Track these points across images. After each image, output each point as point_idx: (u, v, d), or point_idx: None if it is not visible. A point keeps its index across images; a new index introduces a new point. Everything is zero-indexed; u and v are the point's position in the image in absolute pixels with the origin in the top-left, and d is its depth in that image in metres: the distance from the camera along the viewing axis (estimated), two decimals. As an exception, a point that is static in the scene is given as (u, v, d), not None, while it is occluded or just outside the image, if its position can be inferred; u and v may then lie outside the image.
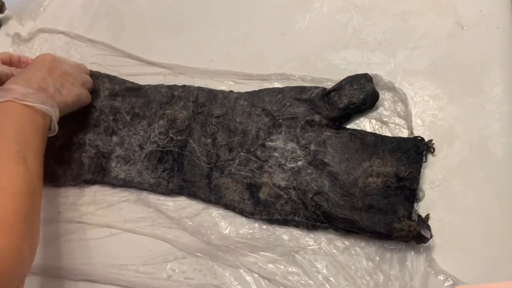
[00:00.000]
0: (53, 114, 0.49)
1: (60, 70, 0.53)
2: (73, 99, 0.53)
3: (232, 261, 0.47)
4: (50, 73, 0.51)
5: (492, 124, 0.48)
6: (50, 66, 0.52)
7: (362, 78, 0.51)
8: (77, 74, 0.55)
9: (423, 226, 0.42)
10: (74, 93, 0.53)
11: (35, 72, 0.50)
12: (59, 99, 0.51)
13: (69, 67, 0.54)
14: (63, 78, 0.52)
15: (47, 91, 0.50)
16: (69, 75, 0.53)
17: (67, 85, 0.53)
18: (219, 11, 0.64)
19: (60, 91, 0.51)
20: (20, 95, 0.47)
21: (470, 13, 0.55)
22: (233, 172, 0.51)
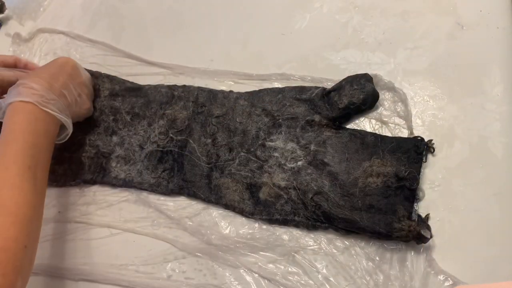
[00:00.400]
0: (70, 125, 0.48)
1: (80, 79, 0.51)
2: (84, 113, 0.52)
3: (232, 261, 0.47)
4: (71, 80, 0.49)
5: (492, 124, 0.48)
6: (72, 73, 0.50)
7: (362, 78, 0.51)
8: (90, 87, 0.55)
9: (423, 226, 0.42)
10: (87, 106, 0.52)
11: (58, 76, 0.48)
12: (74, 109, 0.49)
13: (85, 77, 0.53)
14: (81, 89, 0.51)
15: (66, 99, 0.48)
16: (85, 86, 0.52)
17: (83, 96, 0.51)
18: (219, 11, 0.64)
19: (77, 101, 0.50)
20: (42, 99, 0.44)
21: (470, 13, 0.55)
22: (233, 172, 0.51)
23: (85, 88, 0.52)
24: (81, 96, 0.51)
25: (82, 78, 0.51)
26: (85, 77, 0.53)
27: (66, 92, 0.48)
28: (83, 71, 0.54)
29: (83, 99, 0.51)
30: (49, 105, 0.45)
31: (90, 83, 0.56)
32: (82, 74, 0.52)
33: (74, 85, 0.49)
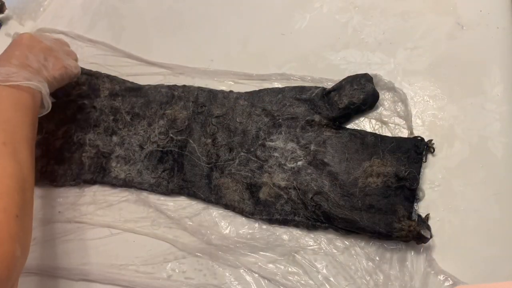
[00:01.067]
0: (43, 89, 0.46)
1: (40, 45, 0.51)
2: (60, 72, 0.51)
3: (232, 261, 0.47)
4: (30, 49, 0.49)
5: (492, 124, 0.48)
6: (29, 43, 0.50)
7: (362, 78, 0.51)
8: (59, 48, 0.54)
9: (423, 226, 0.42)
10: (61, 65, 0.51)
11: (14, 51, 0.48)
12: (45, 74, 0.49)
13: (49, 42, 0.53)
14: (45, 52, 0.50)
15: (31, 67, 0.47)
16: (50, 49, 0.51)
17: (51, 58, 0.51)
18: (219, 11, 0.64)
19: (45, 65, 0.49)
20: (2, 76, 0.44)
21: (470, 13, 0.55)
22: (233, 172, 0.51)
23: (51, 51, 0.51)
24: (48, 60, 0.50)
25: (43, 43, 0.51)
26: (49, 41, 0.52)
27: (28, 61, 0.47)
28: (45, 37, 0.53)
29: (52, 62, 0.50)
30: (11, 78, 0.44)
31: (61, 44, 0.56)
32: (41, 41, 0.51)
33: (35, 53, 0.49)
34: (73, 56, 0.56)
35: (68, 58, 0.54)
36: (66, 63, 0.52)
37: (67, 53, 0.55)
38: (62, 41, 0.58)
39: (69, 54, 0.56)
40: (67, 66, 0.52)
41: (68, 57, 0.54)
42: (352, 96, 0.50)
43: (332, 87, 0.52)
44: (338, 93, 0.51)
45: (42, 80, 0.47)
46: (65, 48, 0.56)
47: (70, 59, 0.54)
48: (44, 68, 0.49)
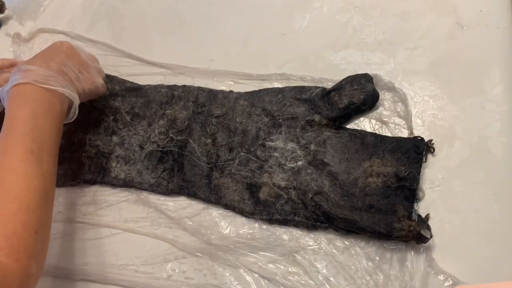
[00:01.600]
0: (75, 97, 0.47)
1: (78, 57, 0.51)
2: (90, 87, 0.51)
3: (232, 261, 0.47)
4: (68, 58, 0.49)
5: (492, 124, 0.48)
6: (68, 52, 0.50)
7: (362, 78, 0.51)
8: (92, 64, 0.54)
9: (423, 226, 0.42)
10: (92, 81, 0.52)
11: (54, 56, 0.48)
12: (77, 85, 0.49)
13: (85, 56, 0.53)
14: (80, 65, 0.51)
15: (67, 76, 0.47)
16: (86, 63, 0.52)
17: (84, 72, 0.51)
18: (219, 11, 0.64)
19: (78, 77, 0.49)
20: (41, 77, 0.43)
21: (470, 13, 0.55)
22: (233, 172, 0.51)
23: (86, 65, 0.52)
24: (82, 73, 0.50)
25: (80, 56, 0.51)
26: (84, 56, 0.53)
27: (65, 69, 0.48)
28: (82, 51, 0.54)
29: (85, 76, 0.51)
30: (49, 81, 0.44)
31: (93, 60, 0.56)
32: (80, 52, 0.52)
33: (72, 63, 0.49)
34: (102, 75, 0.56)
35: (98, 76, 0.54)
36: (96, 80, 0.53)
37: (98, 70, 0.56)
38: (94, 58, 0.58)
39: (100, 72, 0.56)
40: (97, 83, 0.53)
41: (98, 75, 0.55)
42: (352, 96, 0.50)
43: (332, 87, 0.52)
44: (338, 93, 0.51)
45: (74, 91, 0.48)
46: (96, 65, 0.56)
47: (100, 77, 0.55)
48: (77, 80, 0.49)
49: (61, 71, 0.47)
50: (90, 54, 0.57)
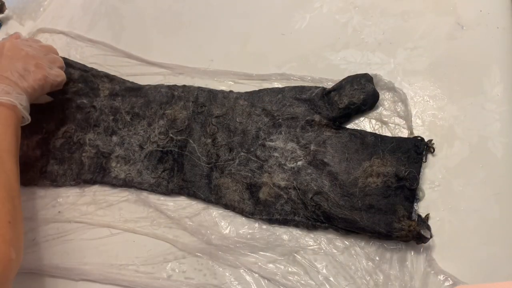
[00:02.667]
0: (18, 103, 0.47)
1: (20, 53, 0.50)
2: (40, 83, 0.51)
3: (232, 261, 0.47)
4: (9, 59, 0.49)
5: (492, 124, 0.48)
6: (9, 53, 0.50)
7: (363, 78, 0.51)
8: (42, 55, 0.53)
9: (423, 226, 0.42)
10: (41, 75, 0.51)
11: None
12: (24, 84, 0.49)
13: (31, 49, 0.52)
14: (25, 61, 0.50)
15: (9, 79, 0.48)
16: (31, 57, 0.51)
17: (31, 67, 0.50)
18: (219, 11, 0.64)
19: (23, 76, 0.49)
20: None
21: (470, 13, 0.55)
22: (233, 172, 0.51)
23: (31, 59, 0.51)
24: (28, 70, 0.50)
25: (23, 52, 0.51)
26: (30, 49, 0.52)
27: (5, 72, 0.48)
28: (26, 45, 0.52)
29: (31, 70, 0.50)
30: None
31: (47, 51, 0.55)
32: (23, 48, 0.51)
33: (14, 63, 0.49)
34: (58, 64, 0.56)
35: (51, 66, 0.53)
36: (47, 72, 0.52)
37: (52, 60, 0.55)
38: (49, 47, 0.57)
39: (54, 61, 0.55)
40: (48, 75, 0.52)
41: (52, 65, 0.54)
42: (352, 96, 0.50)
43: (332, 87, 0.52)
44: (338, 93, 0.51)
45: (21, 92, 0.48)
46: (51, 55, 0.55)
47: (54, 67, 0.54)
48: (23, 78, 0.49)
49: (1, 77, 0.47)
50: (43, 45, 0.56)
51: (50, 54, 0.55)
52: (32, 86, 0.50)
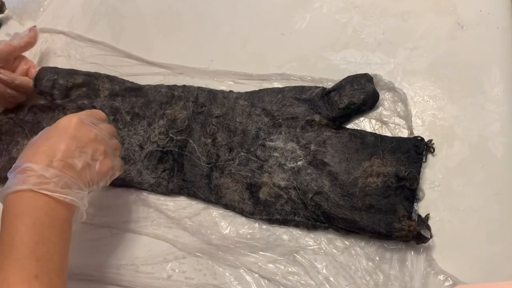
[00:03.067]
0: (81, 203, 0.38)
1: (89, 136, 0.40)
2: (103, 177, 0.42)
3: (232, 261, 0.47)
4: (77, 142, 0.39)
5: (492, 124, 0.48)
6: (77, 134, 0.40)
7: (363, 78, 0.51)
8: (107, 140, 0.43)
9: (423, 226, 0.42)
10: (108, 167, 0.42)
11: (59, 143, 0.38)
12: (88, 177, 0.39)
13: (98, 131, 0.42)
14: (93, 147, 0.40)
15: (74, 169, 0.38)
16: (99, 142, 0.41)
17: (98, 156, 0.41)
18: (219, 11, 0.64)
19: (90, 165, 0.40)
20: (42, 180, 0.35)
21: (470, 13, 0.55)
22: (233, 172, 0.51)
23: (100, 145, 0.41)
24: (94, 157, 0.40)
25: (92, 133, 0.41)
26: (97, 131, 0.42)
27: (71, 160, 0.38)
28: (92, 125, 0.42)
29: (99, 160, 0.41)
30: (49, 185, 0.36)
31: (111, 134, 0.45)
32: (91, 130, 0.41)
33: (81, 147, 0.39)
34: (118, 151, 0.46)
35: (115, 154, 0.44)
36: (113, 164, 0.43)
37: (115, 147, 0.45)
38: (111, 129, 0.45)
39: (116, 148, 0.45)
40: (114, 168, 0.43)
41: (116, 154, 0.45)
42: (352, 96, 0.50)
43: (332, 87, 0.52)
44: (338, 93, 0.51)
45: (83, 187, 0.39)
46: (114, 141, 0.45)
47: (117, 157, 0.45)
48: (88, 169, 0.39)
49: (67, 165, 0.38)
50: (107, 126, 0.45)
51: (113, 138, 0.45)
52: (96, 180, 0.41)
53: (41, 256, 0.34)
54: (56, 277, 0.34)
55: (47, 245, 0.35)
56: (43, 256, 0.34)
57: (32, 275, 0.32)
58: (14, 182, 0.36)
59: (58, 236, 0.36)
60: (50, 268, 0.34)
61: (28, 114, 0.59)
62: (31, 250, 0.33)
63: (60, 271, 0.35)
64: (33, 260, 0.33)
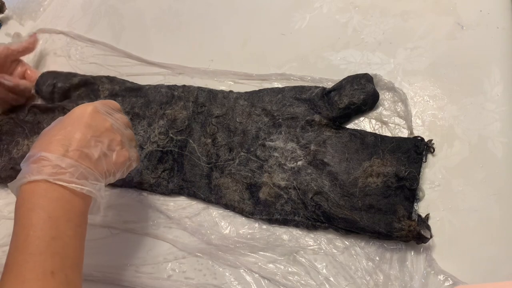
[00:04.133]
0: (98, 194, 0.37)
1: (105, 125, 0.39)
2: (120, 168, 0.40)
3: (232, 261, 0.47)
4: (92, 130, 0.38)
5: (492, 124, 0.48)
6: (92, 123, 0.38)
7: (363, 78, 0.51)
8: (123, 130, 0.42)
9: (423, 226, 0.42)
10: (125, 157, 0.40)
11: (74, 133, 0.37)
12: (104, 167, 0.38)
13: (113, 120, 0.41)
14: (109, 136, 0.39)
15: (90, 159, 0.36)
16: (115, 132, 0.40)
17: (115, 146, 0.39)
18: (219, 11, 0.64)
19: (106, 155, 0.38)
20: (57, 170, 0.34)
21: (470, 13, 0.55)
22: (233, 172, 0.51)
23: (116, 134, 0.40)
24: (111, 147, 0.39)
25: (107, 122, 0.39)
26: (113, 120, 0.40)
27: (87, 149, 0.37)
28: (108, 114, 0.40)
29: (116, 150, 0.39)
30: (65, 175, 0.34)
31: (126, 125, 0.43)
32: (106, 119, 0.40)
33: (97, 136, 0.38)
34: (134, 142, 0.44)
35: (131, 145, 0.43)
36: (130, 154, 0.41)
37: (130, 137, 0.43)
38: (125, 119, 0.44)
39: (132, 139, 0.44)
40: (131, 158, 0.41)
41: (131, 145, 0.43)
42: (353, 96, 0.50)
43: (332, 87, 0.52)
44: (338, 93, 0.51)
45: (100, 178, 0.37)
46: (129, 131, 0.43)
47: (133, 148, 0.43)
48: (105, 159, 0.38)
49: (83, 154, 0.36)
50: (122, 116, 0.43)
51: (128, 129, 0.44)
52: (112, 171, 0.39)
53: (57, 251, 0.32)
54: (72, 273, 0.33)
55: (63, 239, 0.33)
56: (59, 252, 0.33)
57: (48, 272, 0.31)
58: (28, 171, 0.34)
59: (74, 230, 0.34)
60: (66, 264, 0.33)
61: (28, 115, 0.59)
62: (47, 245, 0.32)
63: (76, 267, 0.34)
64: (48, 256, 0.32)
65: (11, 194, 0.56)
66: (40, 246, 0.32)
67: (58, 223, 0.33)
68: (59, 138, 0.36)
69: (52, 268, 0.32)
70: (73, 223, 0.35)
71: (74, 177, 0.35)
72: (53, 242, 0.32)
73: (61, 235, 0.33)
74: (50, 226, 0.33)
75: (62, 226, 0.34)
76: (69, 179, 0.34)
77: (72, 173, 0.35)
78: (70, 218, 0.34)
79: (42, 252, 0.32)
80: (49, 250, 0.32)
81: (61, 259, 0.33)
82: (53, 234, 0.33)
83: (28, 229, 0.33)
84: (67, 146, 0.36)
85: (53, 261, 0.32)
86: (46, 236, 0.32)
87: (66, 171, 0.34)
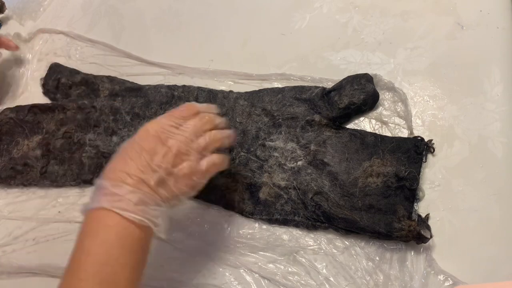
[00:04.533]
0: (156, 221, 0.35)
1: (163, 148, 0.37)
2: (186, 189, 0.38)
3: (232, 261, 0.47)
4: (150, 156, 0.36)
5: (492, 124, 0.48)
6: (151, 146, 0.37)
7: (363, 78, 0.51)
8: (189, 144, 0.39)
9: (423, 226, 0.42)
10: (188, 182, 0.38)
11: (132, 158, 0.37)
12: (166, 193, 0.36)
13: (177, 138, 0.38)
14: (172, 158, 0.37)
15: (147, 184, 0.35)
16: (181, 151, 0.38)
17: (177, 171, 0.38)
18: (219, 11, 0.64)
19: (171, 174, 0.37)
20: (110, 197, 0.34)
21: (470, 13, 0.55)
22: (233, 172, 0.51)
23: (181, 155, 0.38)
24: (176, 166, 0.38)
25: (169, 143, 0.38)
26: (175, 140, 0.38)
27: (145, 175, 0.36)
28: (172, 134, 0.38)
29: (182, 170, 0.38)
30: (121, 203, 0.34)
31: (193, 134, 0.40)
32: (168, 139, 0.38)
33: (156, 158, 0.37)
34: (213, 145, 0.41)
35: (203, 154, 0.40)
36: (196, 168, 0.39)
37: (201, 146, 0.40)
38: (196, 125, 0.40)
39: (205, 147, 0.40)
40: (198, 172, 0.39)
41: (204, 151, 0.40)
42: (353, 96, 0.50)
43: (332, 87, 0.52)
44: (338, 93, 0.51)
45: (161, 202, 0.36)
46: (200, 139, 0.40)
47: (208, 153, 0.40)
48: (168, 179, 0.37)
49: (139, 181, 0.35)
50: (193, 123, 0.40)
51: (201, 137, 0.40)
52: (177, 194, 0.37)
53: (105, 278, 0.32)
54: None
55: (113, 266, 0.32)
56: (107, 279, 0.32)
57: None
58: (91, 198, 0.36)
59: (127, 257, 0.33)
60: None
61: (28, 115, 0.59)
62: (96, 271, 0.32)
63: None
64: (96, 283, 0.32)
65: (11, 194, 0.56)
66: (89, 271, 0.32)
67: (110, 249, 0.33)
68: (119, 166, 0.37)
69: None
70: (126, 250, 0.34)
71: (132, 204, 0.34)
72: (103, 269, 0.32)
73: (112, 261, 0.33)
74: (101, 252, 0.33)
75: (114, 252, 0.33)
76: (125, 206, 0.34)
77: (129, 200, 0.34)
78: (123, 244, 0.34)
79: (90, 277, 0.32)
80: (97, 277, 0.32)
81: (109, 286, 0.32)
82: (103, 261, 0.32)
83: (80, 253, 0.33)
84: (125, 173, 0.36)
85: None
86: (96, 262, 0.32)
87: (123, 198, 0.34)
